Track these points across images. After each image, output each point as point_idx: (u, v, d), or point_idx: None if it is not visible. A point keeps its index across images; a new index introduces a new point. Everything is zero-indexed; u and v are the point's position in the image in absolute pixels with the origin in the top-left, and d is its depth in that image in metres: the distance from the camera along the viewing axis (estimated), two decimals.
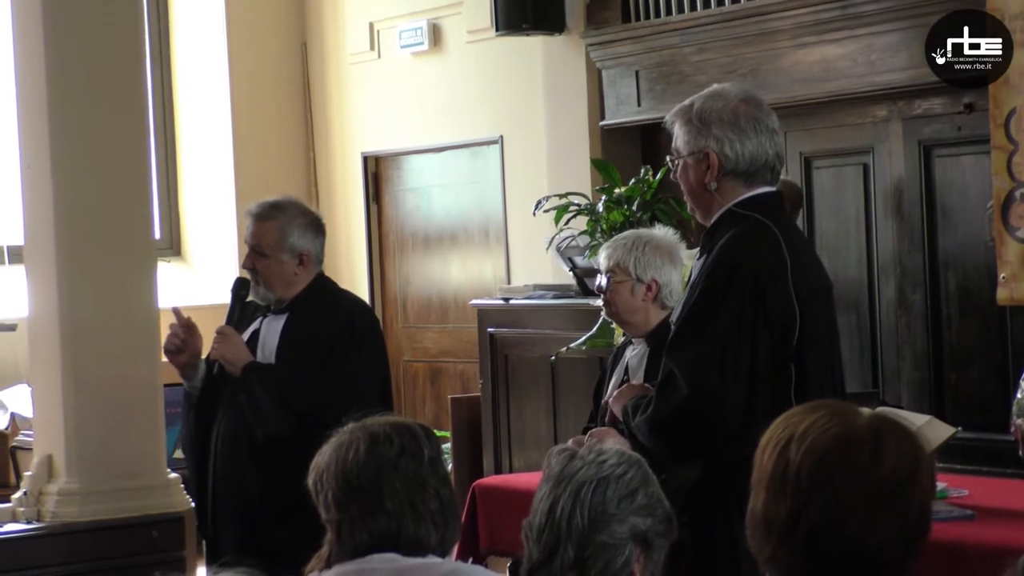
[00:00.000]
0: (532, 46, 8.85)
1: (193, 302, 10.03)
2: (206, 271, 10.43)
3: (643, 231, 5.14)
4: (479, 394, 8.34)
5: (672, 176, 4.04)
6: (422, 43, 9.72)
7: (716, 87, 3.96)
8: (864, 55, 7.28)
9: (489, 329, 8.21)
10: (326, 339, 4.99)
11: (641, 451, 3.41)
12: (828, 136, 7.68)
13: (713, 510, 3.72)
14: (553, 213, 7.84)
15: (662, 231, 5.09)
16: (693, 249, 4.40)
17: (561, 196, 7.92)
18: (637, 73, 8.36)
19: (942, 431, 4.86)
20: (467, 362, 9.35)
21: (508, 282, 8.98)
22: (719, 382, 3.69)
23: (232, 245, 10.25)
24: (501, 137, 9.26)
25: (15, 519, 6.69)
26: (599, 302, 5.03)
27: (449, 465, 8.02)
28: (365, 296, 9.59)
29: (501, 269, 9.30)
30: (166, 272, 9.16)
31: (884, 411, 2.41)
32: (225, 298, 5.53)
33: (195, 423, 5.18)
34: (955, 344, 7.13)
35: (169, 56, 10.56)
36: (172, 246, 10.51)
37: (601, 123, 8.57)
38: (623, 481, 2.85)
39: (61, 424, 6.69)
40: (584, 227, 7.73)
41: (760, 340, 3.72)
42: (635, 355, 4.88)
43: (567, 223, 7.79)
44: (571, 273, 7.89)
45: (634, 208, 7.59)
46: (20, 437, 8.84)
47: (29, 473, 6.86)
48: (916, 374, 7.24)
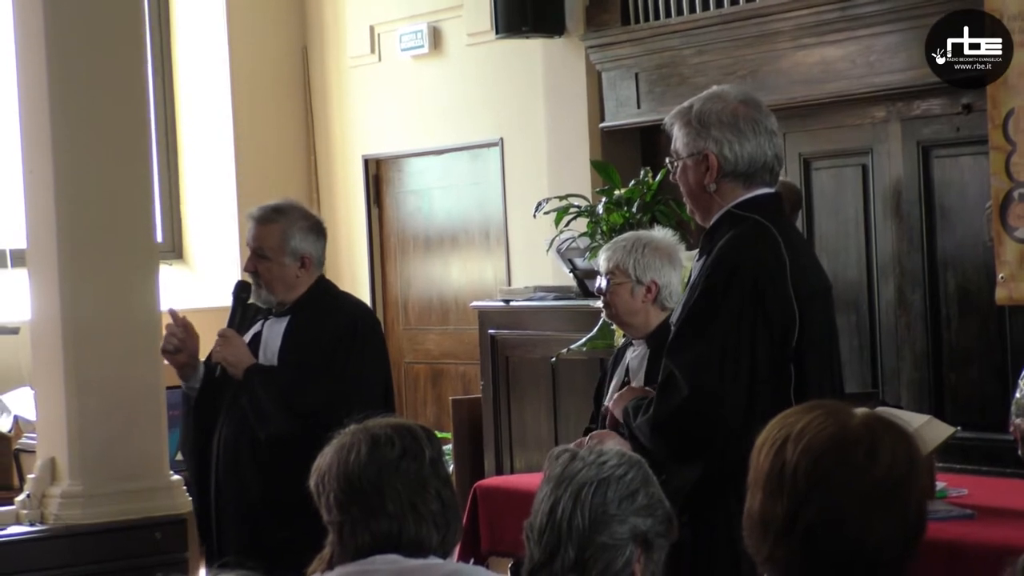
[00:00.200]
0: (532, 49, 8.86)
1: (194, 305, 10.04)
2: (207, 274, 10.44)
3: (642, 233, 5.14)
4: (480, 396, 8.34)
5: (671, 177, 4.05)
6: (422, 46, 9.72)
7: (715, 89, 3.97)
8: (863, 56, 7.29)
9: (490, 331, 8.21)
10: (328, 341, 4.99)
11: (642, 452, 3.42)
12: (827, 137, 7.68)
13: (713, 510, 3.73)
14: (553, 215, 7.85)
15: (661, 233, 5.10)
16: (692, 250, 4.41)
17: (561, 198, 7.92)
18: (637, 75, 8.36)
19: (941, 431, 4.86)
20: (468, 364, 9.35)
21: (509, 284, 8.99)
22: (719, 382, 3.69)
23: (233, 248, 10.26)
24: (501, 139, 9.26)
25: (19, 521, 6.70)
26: (599, 304, 5.04)
27: (450, 466, 8.03)
28: (366, 298, 9.59)
29: (502, 271, 9.31)
30: (168, 275, 9.16)
31: (882, 411, 2.41)
32: (226, 301, 5.53)
33: (195, 425, 5.18)
34: (954, 344, 7.14)
35: (170, 59, 10.56)
36: (174, 249, 10.51)
37: (601, 125, 8.57)
38: (623, 482, 2.86)
39: (64, 427, 6.69)
40: (584, 229, 7.73)
41: (759, 341, 3.73)
42: (635, 356, 4.89)
43: (567, 225, 7.80)
44: (571, 275, 7.89)
45: (634, 210, 7.59)
46: (23, 440, 8.85)
47: (32, 476, 6.86)
48: (915, 374, 7.25)
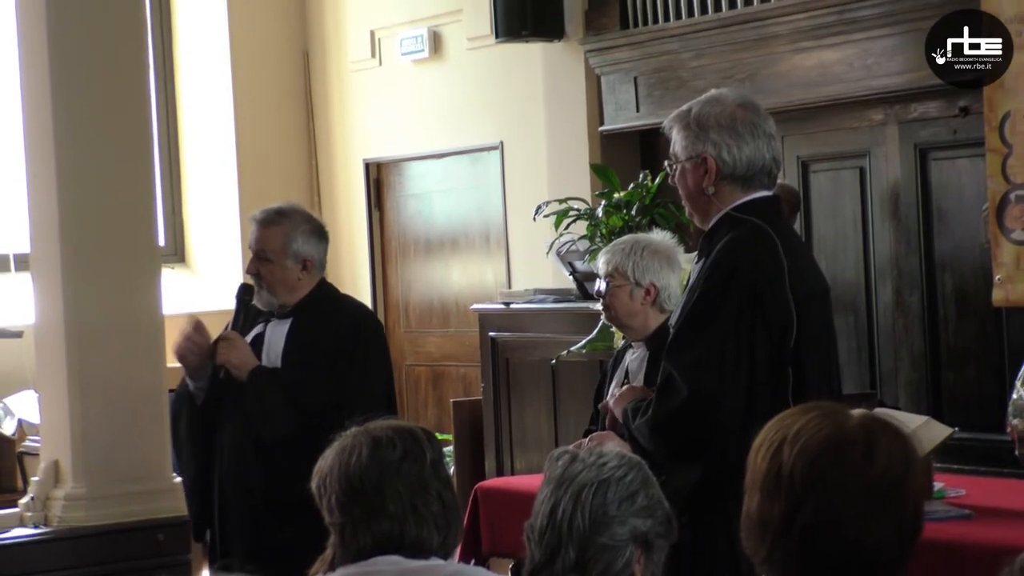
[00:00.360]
0: (532, 53, 8.86)
1: (197, 308, 10.04)
2: (210, 277, 10.44)
3: (641, 236, 5.15)
4: (481, 397, 8.35)
5: (670, 180, 4.05)
6: (423, 50, 9.73)
7: (714, 92, 3.97)
8: (860, 60, 7.29)
9: (490, 333, 8.22)
10: (332, 343, 4.99)
11: (641, 453, 3.42)
12: (825, 140, 7.69)
13: (713, 511, 3.73)
14: (553, 218, 7.85)
15: (660, 235, 5.10)
16: (691, 253, 4.41)
17: (561, 201, 7.93)
18: (636, 79, 8.37)
19: (939, 431, 4.87)
20: (469, 366, 9.36)
21: (509, 286, 8.99)
22: (718, 384, 3.70)
23: (235, 252, 10.26)
24: (501, 143, 9.27)
25: (22, 524, 6.70)
26: (599, 306, 5.04)
27: (451, 468, 8.03)
28: (367, 301, 9.59)
29: (502, 274, 9.31)
30: (170, 279, 9.16)
31: (880, 412, 2.42)
32: (228, 304, 5.53)
33: (201, 424, 5.16)
34: (952, 345, 7.14)
35: (172, 65, 10.57)
36: (176, 253, 10.52)
37: (600, 129, 8.57)
38: (623, 483, 2.86)
39: (67, 429, 6.70)
40: (584, 231, 7.74)
41: (758, 342, 3.73)
42: (635, 358, 4.89)
43: (567, 228, 7.80)
44: (571, 277, 7.89)
45: (633, 213, 7.60)
46: (27, 443, 8.85)
47: (36, 478, 6.86)
48: (913, 375, 7.25)
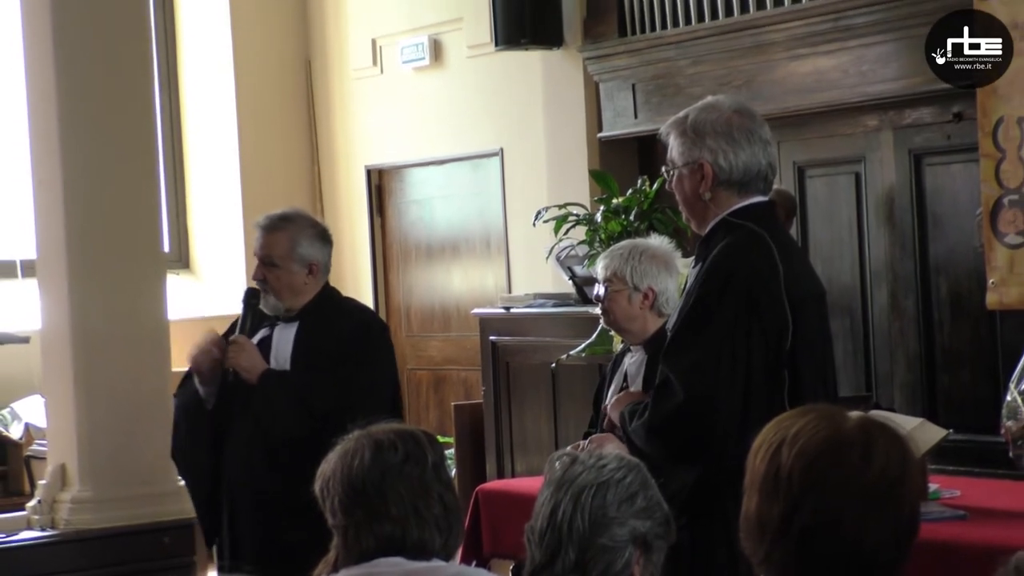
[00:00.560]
0: (531, 60, 8.86)
1: (201, 313, 10.06)
2: (214, 283, 10.45)
3: (639, 241, 5.14)
4: (481, 401, 8.34)
5: (667, 186, 4.05)
6: (423, 58, 9.73)
7: (710, 99, 3.97)
8: (855, 66, 7.29)
9: (491, 337, 8.21)
10: (340, 345, 4.98)
11: (639, 456, 3.42)
12: (821, 145, 7.68)
13: (711, 513, 3.72)
14: (553, 223, 7.85)
15: (658, 240, 5.09)
16: (688, 257, 4.41)
17: (560, 207, 7.93)
18: (634, 86, 8.37)
19: (934, 433, 4.86)
20: (470, 369, 9.36)
21: (509, 291, 8.99)
22: (714, 386, 3.69)
23: (239, 257, 10.26)
24: (501, 149, 9.27)
25: (30, 527, 6.71)
26: (598, 310, 5.04)
27: (453, 470, 8.03)
28: (369, 306, 9.59)
29: (502, 278, 9.31)
30: (175, 284, 9.16)
31: (876, 414, 2.41)
32: (233, 309, 5.53)
33: (210, 429, 5.14)
34: (947, 348, 7.14)
35: (177, 73, 10.57)
36: (181, 259, 10.52)
37: (599, 135, 8.58)
38: (623, 485, 2.86)
39: (74, 434, 6.70)
40: (583, 237, 7.73)
41: (754, 346, 3.73)
42: (633, 362, 4.88)
43: (566, 233, 7.80)
44: (571, 282, 7.89)
45: (631, 218, 7.59)
46: (34, 447, 8.86)
47: (43, 482, 6.87)
48: (909, 377, 7.25)
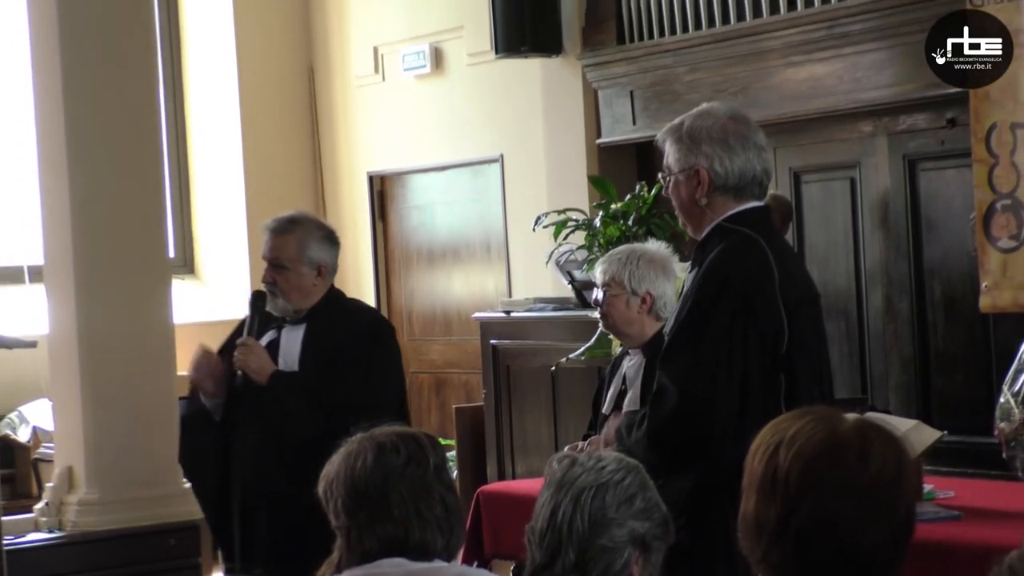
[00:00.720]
0: (531, 68, 8.87)
1: (207, 318, 10.06)
2: (219, 288, 10.44)
3: (637, 246, 5.14)
4: (482, 403, 8.34)
5: (664, 192, 4.05)
6: (424, 66, 9.73)
7: (705, 106, 3.96)
8: (850, 73, 7.29)
9: (491, 341, 8.21)
10: (348, 345, 4.97)
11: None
12: (816, 151, 7.69)
13: (709, 513, 3.72)
14: (552, 228, 7.85)
15: (655, 245, 5.09)
16: (686, 262, 4.40)
17: (560, 212, 7.93)
18: (632, 93, 8.37)
19: (928, 435, 4.86)
20: (471, 373, 9.35)
21: (509, 295, 8.98)
22: (711, 387, 3.69)
23: (243, 262, 10.27)
24: (501, 156, 9.27)
25: (37, 528, 6.71)
26: (597, 314, 5.04)
27: (454, 472, 8.02)
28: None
29: (502, 283, 9.31)
30: (180, 289, 9.17)
31: (871, 417, 2.41)
32: (237, 313, 5.53)
33: (216, 441, 5.13)
34: (941, 350, 7.14)
35: (181, 81, 10.58)
36: (186, 264, 10.52)
37: (598, 141, 8.58)
38: (622, 487, 2.86)
39: (80, 437, 6.70)
40: (582, 242, 7.73)
41: (751, 349, 3.73)
42: (632, 365, 4.88)
43: (566, 238, 7.80)
44: (570, 286, 7.89)
45: (630, 223, 7.59)
46: (41, 450, 8.85)
47: (50, 484, 6.87)
48: (903, 379, 7.25)
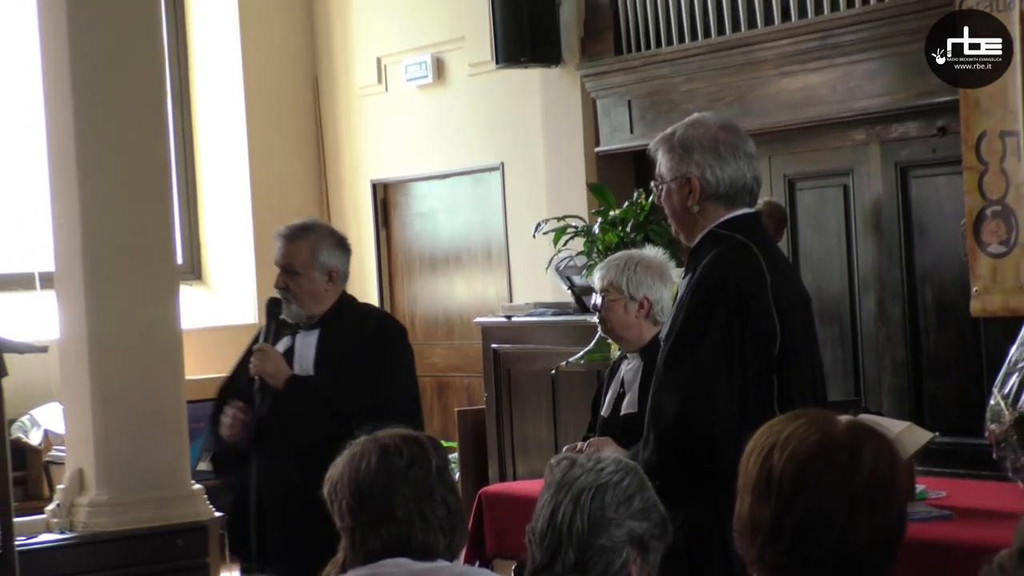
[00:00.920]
0: (530, 78, 8.87)
1: (214, 323, 10.07)
2: (226, 294, 10.44)
3: (635, 252, 5.14)
4: (484, 406, 8.33)
5: (657, 200, 4.05)
6: (427, 76, 9.74)
7: (696, 116, 3.97)
8: (843, 83, 7.30)
9: (493, 345, 8.21)
10: (362, 348, 4.97)
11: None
12: (810, 159, 7.69)
13: (707, 514, 3.72)
14: (552, 235, 7.85)
15: (652, 251, 5.09)
16: (683, 267, 4.40)
17: (559, 219, 7.93)
18: (629, 102, 8.37)
19: (920, 436, 4.85)
20: (472, 376, 9.35)
21: (510, 300, 8.98)
22: (711, 388, 3.68)
23: (250, 269, 10.27)
24: (502, 164, 9.27)
25: (49, 529, 6.71)
26: (596, 319, 5.04)
27: (456, 474, 8.02)
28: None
29: (503, 288, 9.31)
30: (188, 295, 9.17)
31: (864, 419, 2.41)
32: (244, 318, 5.53)
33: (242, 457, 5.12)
34: (932, 353, 7.14)
35: (189, 91, 10.58)
36: (193, 270, 10.52)
37: (596, 150, 8.58)
38: (620, 488, 2.86)
39: (91, 439, 6.70)
40: (581, 248, 7.73)
41: (748, 351, 3.73)
42: (630, 368, 4.88)
43: (565, 244, 7.80)
44: (569, 291, 7.89)
45: (628, 229, 7.59)
46: (53, 452, 8.85)
47: (62, 486, 6.86)
48: (896, 382, 7.25)
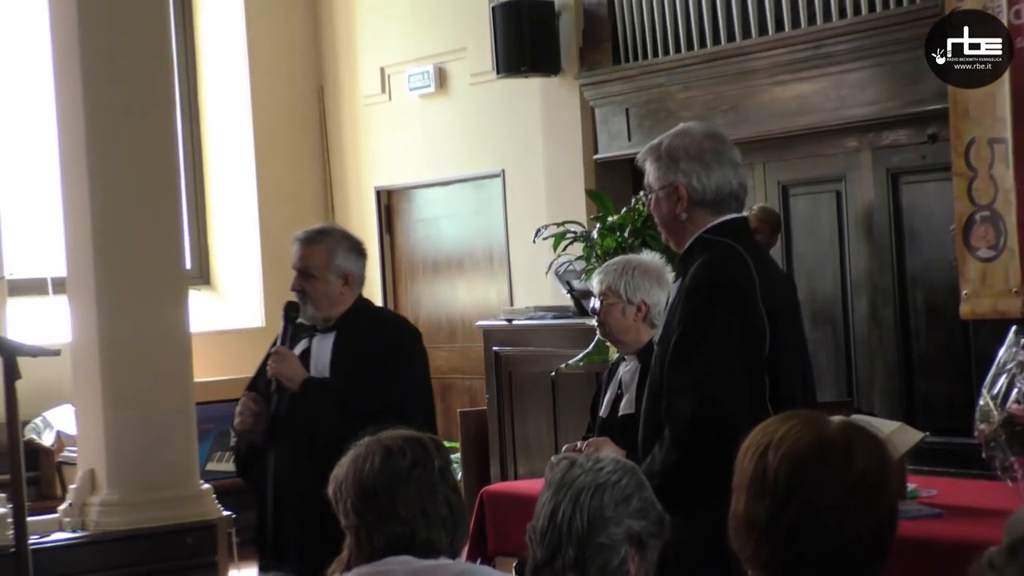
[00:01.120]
0: (530, 87, 8.87)
1: (221, 327, 10.07)
2: (233, 298, 10.44)
3: (632, 256, 5.13)
4: (486, 408, 8.33)
5: (647, 209, 4.06)
6: (429, 86, 9.74)
7: (682, 126, 3.98)
8: (835, 91, 7.30)
9: (494, 348, 8.20)
10: (377, 351, 4.95)
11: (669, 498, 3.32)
12: (804, 166, 7.69)
13: (704, 512, 3.71)
14: (551, 240, 7.85)
15: (650, 256, 5.08)
16: None
17: (559, 224, 7.93)
18: (627, 111, 8.38)
19: (911, 436, 4.85)
20: (474, 378, 9.35)
21: (511, 304, 8.98)
22: (724, 386, 3.68)
23: (257, 274, 10.27)
24: (503, 171, 9.27)
25: (61, 528, 6.71)
26: (594, 322, 5.03)
27: (458, 474, 8.02)
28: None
29: (504, 292, 9.31)
30: (196, 299, 9.17)
31: (857, 419, 2.42)
32: (251, 322, 5.53)
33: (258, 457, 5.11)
34: (923, 355, 7.14)
35: (197, 101, 10.59)
36: (202, 275, 10.52)
37: (595, 157, 8.58)
38: (619, 487, 2.85)
39: (102, 441, 6.70)
40: (580, 252, 7.73)
41: (746, 348, 3.73)
42: (628, 371, 4.88)
43: (564, 249, 7.80)
44: (569, 295, 7.88)
45: (626, 234, 7.58)
46: (65, 453, 8.86)
47: (74, 486, 6.87)
48: (888, 383, 7.25)
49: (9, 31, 9.94)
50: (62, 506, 6.87)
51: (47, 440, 9.08)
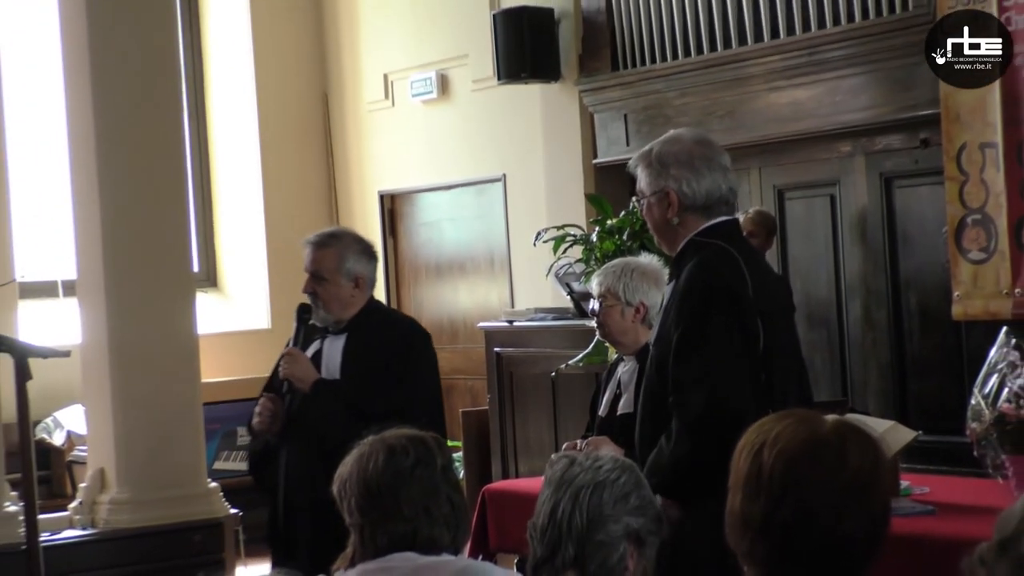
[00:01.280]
0: (531, 93, 8.87)
1: (228, 328, 10.07)
2: (240, 300, 10.45)
3: (631, 259, 5.13)
4: (487, 407, 8.33)
5: (640, 214, 4.05)
6: (431, 92, 9.74)
7: (672, 132, 3.98)
8: (830, 97, 7.30)
9: (495, 348, 8.20)
10: (387, 353, 4.94)
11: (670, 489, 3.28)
12: (798, 170, 7.69)
13: (702, 510, 3.71)
14: (552, 243, 7.84)
15: (648, 258, 5.09)
16: None
17: (559, 228, 7.92)
18: (626, 116, 8.38)
19: (904, 435, 4.85)
20: (476, 379, 9.35)
21: (512, 306, 8.98)
22: (732, 380, 3.67)
23: (263, 276, 10.27)
24: (504, 175, 9.28)
25: (72, 526, 6.71)
26: (594, 324, 5.03)
27: (460, 473, 8.01)
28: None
29: (505, 294, 9.31)
30: (203, 302, 9.17)
31: (851, 418, 2.41)
32: (258, 324, 5.53)
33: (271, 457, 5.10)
34: (916, 356, 7.13)
35: (204, 107, 10.59)
36: (209, 278, 10.52)
37: (594, 161, 8.58)
38: (618, 485, 2.85)
39: (111, 440, 6.70)
40: (580, 255, 7.73)
41: (746, 342, 3.73)
42: (626, 371, 4.88)
43: (564, 252, 7.79)
44: (569, 297, 7.88)
45: (624, 238, 7.58)
46: (75, 452, 8.86)
47: (84, 484, 6.87)
48: (881, 384, 7.24)
49: (20, 38, 9.94)
50: (72, 504, 6.87)
51: (58, 440, 9.08)
